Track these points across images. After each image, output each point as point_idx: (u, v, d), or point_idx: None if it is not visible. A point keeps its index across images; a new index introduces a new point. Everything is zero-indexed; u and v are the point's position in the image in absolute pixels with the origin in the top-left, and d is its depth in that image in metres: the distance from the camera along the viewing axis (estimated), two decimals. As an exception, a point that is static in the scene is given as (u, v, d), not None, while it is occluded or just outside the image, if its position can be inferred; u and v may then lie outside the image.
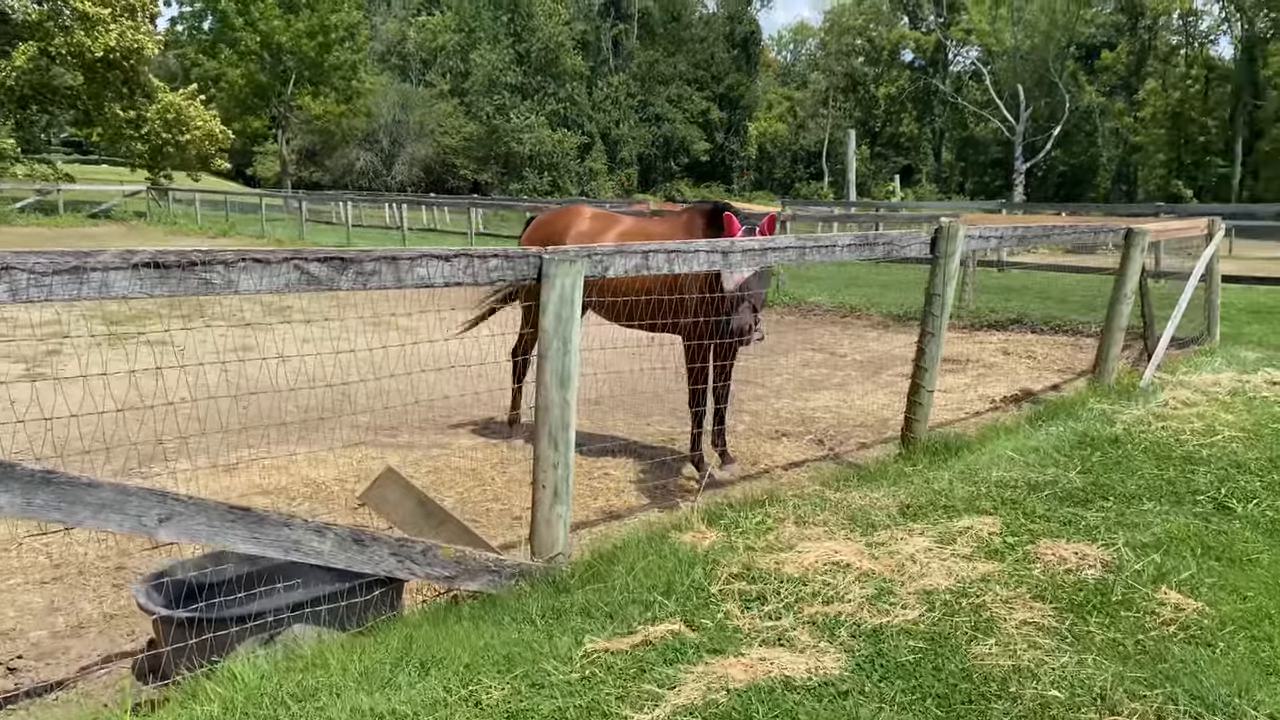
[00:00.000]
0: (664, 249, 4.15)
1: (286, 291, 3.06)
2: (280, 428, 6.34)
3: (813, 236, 4.83)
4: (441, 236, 30.73)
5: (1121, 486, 5.00)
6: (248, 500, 5.13)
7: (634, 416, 7.39)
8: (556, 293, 3.63)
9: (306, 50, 49.85)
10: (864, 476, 5.11)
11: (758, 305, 5.26)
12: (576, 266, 3.65)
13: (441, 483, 5.61)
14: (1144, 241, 7.19)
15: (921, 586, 3.65)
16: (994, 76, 69.32)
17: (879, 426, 7.22)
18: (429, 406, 7.21)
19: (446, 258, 3.41)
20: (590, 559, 3.90)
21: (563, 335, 3.65)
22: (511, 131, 65.94)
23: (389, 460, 5.92)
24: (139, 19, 34.66)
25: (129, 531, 2.77)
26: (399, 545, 3.34)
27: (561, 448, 3.73)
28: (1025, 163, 66.74)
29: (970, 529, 4.27)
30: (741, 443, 6.68)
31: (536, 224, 6.57)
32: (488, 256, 3.53)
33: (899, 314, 12.82)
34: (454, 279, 3.45)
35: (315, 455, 5.99)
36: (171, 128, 36.53)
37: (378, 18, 78.00)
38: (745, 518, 4.39)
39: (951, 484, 4.98)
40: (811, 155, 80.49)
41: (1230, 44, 68.24)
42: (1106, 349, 7.38)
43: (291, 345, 4.81)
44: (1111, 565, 3.86)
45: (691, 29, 78.03)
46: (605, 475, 5.82)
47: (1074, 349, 10.65)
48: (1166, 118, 65.19)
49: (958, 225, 5.41)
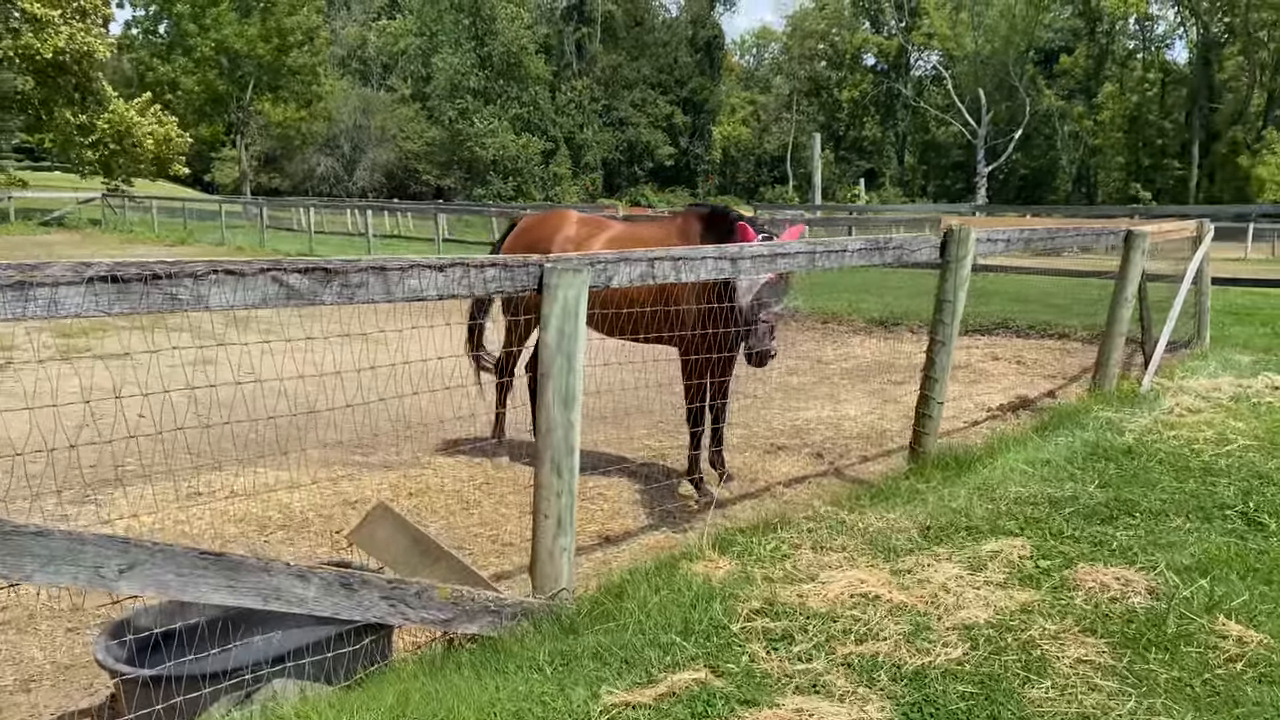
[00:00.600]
0: (670, 256, 3.84)
1: (263, 307, 2.71)
2: (247, 449, 5.95)
3: (822, 242, 4.55)
4: (406, 243, 30.23)
5: (1145, 501, 4.75)
6: (217, 532, 4.75)
7: (619, 431, 7.05)
8: (559, 305, 3.31)
9: (264, 55, 49.02)
10: (877, 495, 4.83)
11: (774, 325, 4.97)
12: (581, 276, 3.33)
13: (424, 507, 5.26)
14: (1144, 244, 7.00)
15: (960, 620, 3.36)
16: (955, 81, 69.86)
17: (877, 438, 6.96)
18: (404, 423, 6.84)
19: (440, 267, 3.07)
20: (597, 594, 3.57)
21: (566, 351, 3.33)
22: (474, 136, 65.36)
23: (366, 483, 5.55)
24: (90, 21, 33.78)
25: (85, 586, 2.40)
26: (391, 588, 3.00)
27: (565, 474, 3.40)
28: (987, 166, 67.28)
29: (999, 553, 3.99)
30: (737, 458, 6.38)
31: (520, 229, 6.23)
32: (484, 266, 3.19)
33: (880, 319, 12.61)
34: (449, 291, 3.11)
35: (287, 479, 5.61)
36: (121, 139, 35.66)
37: (337, 22, 77.13)
38: (758, 544, 4.08)
39: (969, 502, 4.71)
40: (775, 159, 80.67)
41: (1185, 48, 69.30)
42: (1107, 354, 7.17)
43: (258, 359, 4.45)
44: (1158, 592, 3.59)
45: (655, 33, 77.90)
46: (599, 496, 5.50)
47: (1062, 354, 10.48)
48: (1125, 121, 66.02)
49: (968, 229, 5.15)
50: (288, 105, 52.77)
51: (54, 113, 34.62)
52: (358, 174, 67.94)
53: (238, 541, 4.68)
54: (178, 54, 49.45)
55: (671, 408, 6.99)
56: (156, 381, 3.27)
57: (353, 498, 5.28)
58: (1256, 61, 59.07)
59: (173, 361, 3.41)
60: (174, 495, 5.28)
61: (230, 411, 3.41)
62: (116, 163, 36.55)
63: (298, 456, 6.10)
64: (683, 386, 5.46)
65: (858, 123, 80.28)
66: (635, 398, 6.82)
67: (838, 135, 78.71)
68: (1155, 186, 64.41)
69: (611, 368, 5.49)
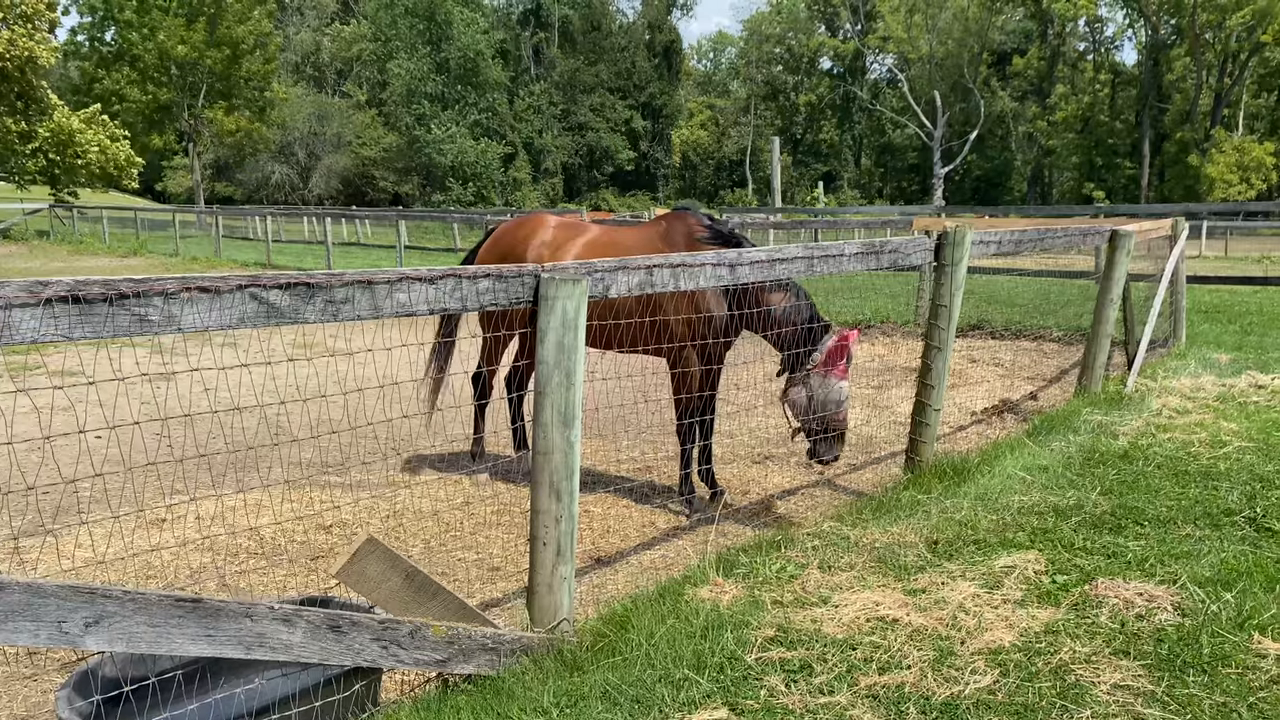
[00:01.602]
0: (669, 263, 3.63)
1: (242, 327, 2.47)
2: (213, 468, 5.66)
3: (819, 247, 4.37)
4: (366, 250, 29.81)
5: (1150, 509, 4.63)
6: (184, 562, 4.47)
7: (602, 442, 6.84)
8: (558, 318, 3.09)
9: (213, 63, 48.10)
10: (879, 508, 4.65)
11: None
12: (580, 287, 3.11)
13: (403, 530, 5.00)
14: (1129, 244, 6.91)
15: (985, 644, 3.19)
16: (911, 84, 70.43)
17: (864, 444, 6.80)
18: (376, 438, 6.59)
19: (431, 280, 2.85)
20: (599, 625, 3.35)
21: (566, 367, 3.11)
22: (432, 142, 64.76)
23: (342, 506, 5.29)
24: (33, 26, 32.90)
25: (47, 644, 2.15)
26: (383, 628, 2.76)
27: (565, 498, 3.18)
28: (943, 168, 67.88)
29: (1014, 568, 3.83)
30: (726, 469, 6.19)
31: (494, 236, 5.98)
32: (478, 277, 2.97)
33: (852, 322, 12.49)
34: (440, 304, 2.89)
35: (257, 501, 5.33)
36: (63, 149, 34.75)
37: (290, 28, 76.15)
38: (763, 565, 3.89)
39: (974, 513, 4.55)
40: (734, 163, 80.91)
41: (1134, 50, 70.44)
42: (1093, 356, 7.08)
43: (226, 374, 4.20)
44: (1184, 608, 3.45)
45: (612, 38, 77.71)
46: (585, 513, 5.27)
47: (1039, 354, 10.43)
48: (1078, 121, 66.95)
49: (964, 230, 5.00)
50: (240, 114, 51.82)
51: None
52: (314, 181, 67.08)
53: (207, 572, 4.40)
54: (123, 63, 48.36)
55: (658, 418, 6.80)
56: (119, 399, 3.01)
57: (327, 521, 5.02)
58: (1204, 62, 60.13)
59: (130, 377, 3.15)
60: (138, 523, 4.98)
61: (195, 431, 3.16)
62: (57, 173, 35.60)
63: (268, 478, 5.82)
64: (673, 401, 5.24)
65: (815, 126, 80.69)
66: (619, 408, 6.64)
67: (796, 139, 79.07)
68: (1108, 186, 65.35)
69: (593, 379, 5.29)
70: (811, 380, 4.96)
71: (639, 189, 76.96)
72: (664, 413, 6.64)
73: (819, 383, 4.95)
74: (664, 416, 6.69)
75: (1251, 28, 53.72)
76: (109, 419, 2.93)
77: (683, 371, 5.09)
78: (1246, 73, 59.03)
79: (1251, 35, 54.74)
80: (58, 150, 34.83)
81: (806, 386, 5.01)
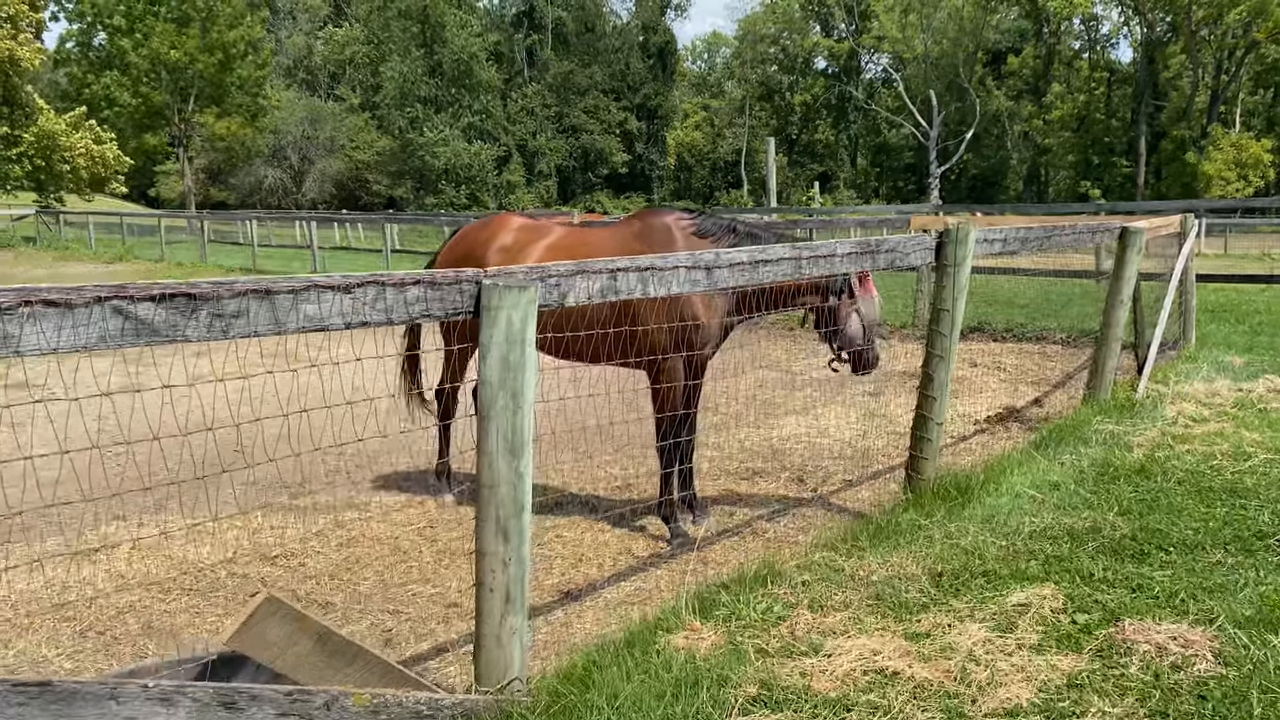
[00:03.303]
0: (636, 266, 3.21)
1: (104, 348, 2.04)
2: (159, 488, 5.22)
3: (808, 246, 3.95)
4: (355, 255, 29.36)
5: (1174, 531, 4.21)
6: (107, 602, 4.03)
7: (579, 456, 6.40)
8: (502, 331, 2.66)
9: (205, 68, 47.67)
10: (876, 534, 4.23)
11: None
12: (527, 295, 2.69)
13: (356, 560, 4.57)
14: (1141, 241, 6.49)
15: (1000, 703, 2.76)
16: (906, 83, 70.09)
17: (859, 458, 6.37)
18: (339, 454, 6.16)
19: (347, 288, 2.42)
20: (556, 683, 2.92)
21: (512, 387, 2.69)
22: (426, 145, 64.31)
23: (290, 532, 4.86)
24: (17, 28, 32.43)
25: None
26: (291, 701, 2.33)
27: (515, 538, 2.75)
28: (939, 167, 67.51)
29: (1028, 606, 3.41)
30: (711, 486, 5.77)
31: (455, 238, 5.55)
32: (405, 284, 2.54)
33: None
34: (358, 317, 2.46)
35: (200, 527, 4.90)
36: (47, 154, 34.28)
37: (283, 31, 75.72)
38: (747, 604, 3.46)
39: (981, 539, 4.13)
40: (730, 164, 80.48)
41: (1130, 48, 70.20)
42: (1103, 361, 6.66)
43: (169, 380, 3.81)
44: (1225, 655, 3.02)
45: (606, 39, 77.35)
46: (557, 538, 4.84)
47: (1042, 358, 10.00)
48: (1074, 119, 66.62)
49: (968, 227, 4.58)
50: (232, 118, 51.38)
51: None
52: (307, 185, 66.54)
53: (134, 613, 3.97)
54: (113, 68, 47.93)
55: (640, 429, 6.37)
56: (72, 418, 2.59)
57: (273, 550, 4.59)
58: (1199, 60, 59.80)
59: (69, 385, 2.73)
60: (66, 552, 4.55)
61: (148, 448, 2.74)
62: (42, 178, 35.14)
63: (220, 499, 5.39)
64: (654, 418, 4.81)
65: (810, 126, 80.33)
66: (595, 417, 6.18)
67: (791, 139, 78.69)
68: (1104, 184, 64.99)
69: (566, 384, 4.86)
70: (859, 304, 4.88)
71: (634, 191, 76.59)
72: (647, 424, 6.23)
73: (864, 304, 4.91)
74: (646, 429, 6.27)
75: (1248, 24, 53.39)
76: (59, 436, 2.51)
77: (666, 386, 4.65)
78: (1243, 69, 58.70)
79: (1248, 32, 54.41)
80: (43, 155, 34.36)
81: (858, 313, 4.92)
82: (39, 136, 33.78)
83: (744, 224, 4.87)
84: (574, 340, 4.52)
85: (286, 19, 78.94)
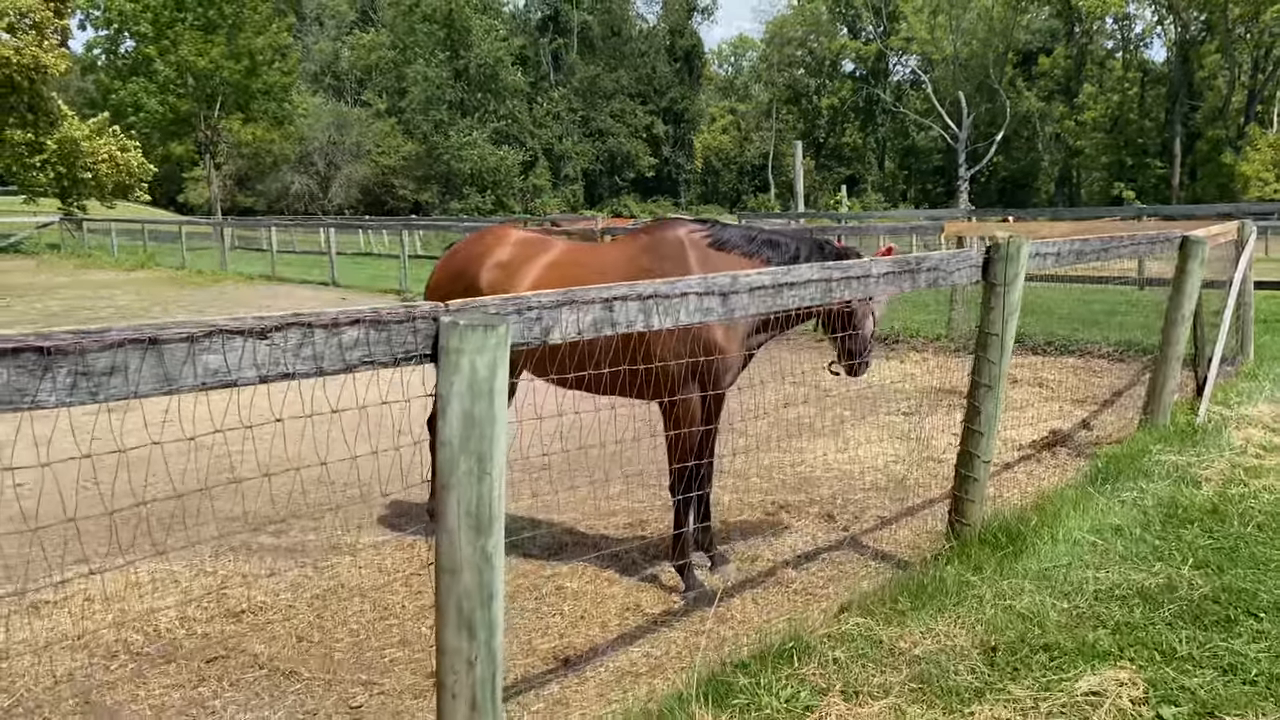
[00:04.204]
0: (636, 294, 2.71)
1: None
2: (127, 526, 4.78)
3: (840, 267, 3.43)
4: (376, 261, 29.05)
5: (1263, 591, 3.66)
6: (44, 669, 3.57)
7: (589, 485, 5.88)
8: (464, 379, 2.17)
9: (231, 75, 47.71)
10: (918, 592, 3.69)
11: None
12: (496, 335, 2.19)
13: (331, 616, 4.08)
14: (1203, 253, 5.92)
15: (1080, 839, 2.24)
16: (934, 85, 69.22)
17: (896, 489, 5.83)
18: (329, 486, 5.68)
19: (262, 333, 1.93)
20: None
21: (478, 450, 2.19)
22: (451, 149, 64.20)
23: (261, 584, 4.38)
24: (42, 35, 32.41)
25: None
26: None
27: (482, 633, 2.26)
28: (969, 170, 66.56)
29: (1102, 695, 2.88)
30: (732, 520, 5.25)
31: (452, 252, 5.01)
32: (340, 325, 2.05)
33: (880, 334, 11.49)
34: (277, 368, 1.97)
35: (165, 572, 4.45)
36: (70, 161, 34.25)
37: (310, 38, 75.95)
38: (768, 689, 2.95)
39: (1039, 600, 3.59)
40: (757, 168, 79.98)
41: (1163, 47, 69.01)
42: (1161, 382, 6.09)
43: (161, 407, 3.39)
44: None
45: (632, 43, 77.09)
46: (558, 590, 4.34)
47: (1086, 373, 9.40)
48: (1106, 120, 65.50)
49: (1019, 241, 4.04)
50: (257, 124, 51.40)
51: (4, 133, 33.18)
52: (333, 191, 66.63)
53: (72, 682, 3.51)
54: (140, 75, 48.08)
55: (657, 454, 5.87)
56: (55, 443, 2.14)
57: (238, 606, 4.11)
58: (1236, 58, 58.55)
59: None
60: (15, 608, 4.10)
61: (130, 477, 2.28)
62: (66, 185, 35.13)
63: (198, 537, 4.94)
64: (667, 451, 4.29)
65: (838, 129, 79.63)
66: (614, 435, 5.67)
67: (818, 142, 78.01)
68: (1137, 186, 63.87)
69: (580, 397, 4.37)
70: (874, 305, 4.53)
71: (661, 195, 76.28)
72: (663, 448, 5.72)
73: (878, 304, 4.58)
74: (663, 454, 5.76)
75: (1288, 21, 52.19)
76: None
77: (680, 422, 4.13)
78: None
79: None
80: (66, 163, 34.34)
81: (873, 315, 4.56)
82: (61, 143, 33.74)
83: (763, 231, 4.34)
84: (573, 369, 4.03)
85: (314, 25, 79.20)
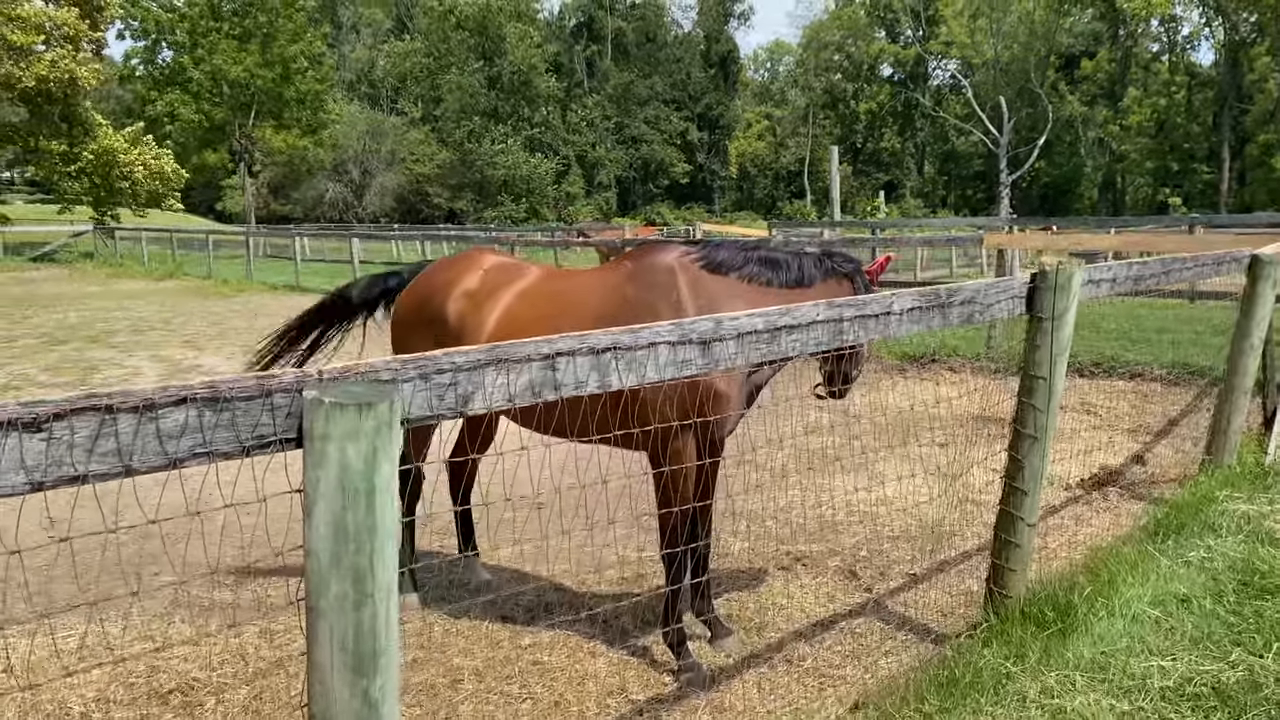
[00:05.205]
0: (588, 347, 2.16)
1: None
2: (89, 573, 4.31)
3: (853, 303, 2.86)
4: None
5: (1367, 690, 3.04)
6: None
7: (582, 530, 5.31)
8: (333, 475, 1.64)
9: (265, 83, 47.92)
10: (948, 686, 3.11)
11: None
12: (376, 414, 1.66)
13: (270, 699, 3.56)
14: (1275, 273, 5.27)
15: None
16: (975, 89, 68.09)
17: (926, 538, 5.23)
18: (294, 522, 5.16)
19: (36, 424, 1.41)
20: None
21: (353, 568, 1.66)
22: (485, 157, 64.11)
23: (200, 650, 3.88)
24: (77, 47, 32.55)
25: None
26: None
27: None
28: (1010, 175, 65.33)
29: None
30: (741, 579, 4.68)
31: (420, 276, 4.42)
32: (158, 408, 1.52)
33: (913, 354, 10.87)
34: (63, 470, 1.45)
35: (96, 640, 3.96)
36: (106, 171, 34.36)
37: (346, 46, 76.35)
38: (758, 831, 2.39)
39: (1092, 702, 2.99)
40: (792, 174, 79.17)
41: (1211, 49, 67.41)
42: (1228, 418, 5.44)
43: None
44: None
45: (667, 49, 76.67)
46: (534, 664, 3.79)
47: (1138, 398, 8.71)
48: (1152, 125, 64.04)
49: (1071, 268, 3.44)
50: (290, 132, 51.60)
51: (39, 143, 33.36)
52: (367, 199, 66.79)
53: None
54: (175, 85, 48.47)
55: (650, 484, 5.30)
56: None
57: (167, 685, 3.61)
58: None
59: None
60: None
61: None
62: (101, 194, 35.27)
63: (150, 587, 4.47)
64: (658, 508, 3.71)
65: (876, 134, 78.59)
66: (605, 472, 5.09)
67: (856, 147, 77.04)
68: (1184, 192, 62.37)
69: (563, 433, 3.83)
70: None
71: (695, 201, 75.73)
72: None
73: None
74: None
75: (1343, 22, 50.62)
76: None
77: (674, 481, 3.55)
78: (1336, 70, 55.80)
79: (1342, 30, 51.60)
80: (101, 172, 34.47)
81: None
82: (97, 154, 33.87)
83: (764, 249, 3.77)
84: (546, 414, 3.50)
85: (350, 33, 79.62)
